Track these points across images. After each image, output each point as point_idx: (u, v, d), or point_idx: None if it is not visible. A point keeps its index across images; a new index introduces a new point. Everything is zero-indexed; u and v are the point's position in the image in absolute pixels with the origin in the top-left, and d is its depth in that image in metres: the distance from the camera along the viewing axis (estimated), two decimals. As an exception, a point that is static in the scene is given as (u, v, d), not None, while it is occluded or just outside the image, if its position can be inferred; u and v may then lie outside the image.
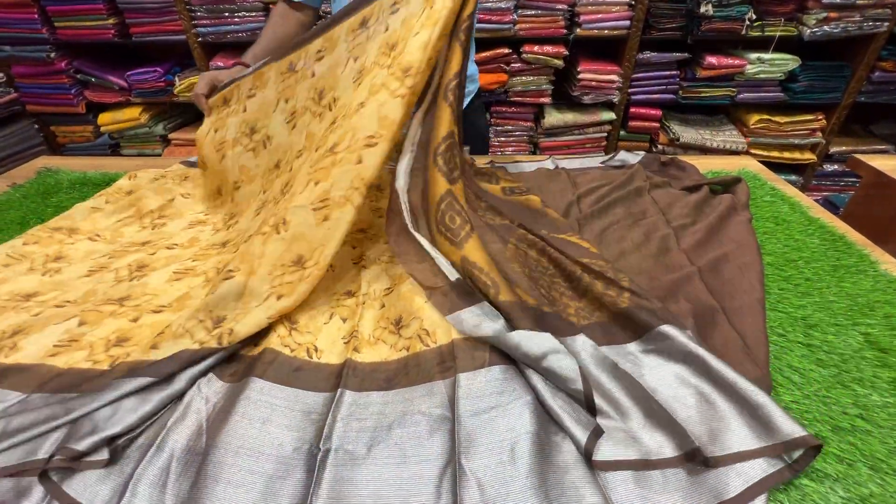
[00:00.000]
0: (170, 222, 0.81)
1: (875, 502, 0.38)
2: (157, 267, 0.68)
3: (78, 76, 1.71)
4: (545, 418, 0.44)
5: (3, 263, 0.69)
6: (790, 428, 0.39)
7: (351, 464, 0.41)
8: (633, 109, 1.73)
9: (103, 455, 0.42)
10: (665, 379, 0.47)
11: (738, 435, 0.40)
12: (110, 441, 0.43)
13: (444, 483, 0.40)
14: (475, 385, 0.47)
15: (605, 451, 0.41)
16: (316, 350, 0.54)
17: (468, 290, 0.56)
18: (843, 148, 1.76)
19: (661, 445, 0.41)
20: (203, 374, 0.50)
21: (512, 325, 0.51)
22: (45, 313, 0.59)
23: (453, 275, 0.58)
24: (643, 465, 0.40)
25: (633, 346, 0.52)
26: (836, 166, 1.80)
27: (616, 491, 0.39)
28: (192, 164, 1.03)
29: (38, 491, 0.40)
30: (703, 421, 0.43)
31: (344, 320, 0.58)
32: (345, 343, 0.55)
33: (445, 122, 0.61)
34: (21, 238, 0.76)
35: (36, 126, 1.82)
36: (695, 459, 0.39)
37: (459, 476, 0.39)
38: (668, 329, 0.50)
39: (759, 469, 0.38)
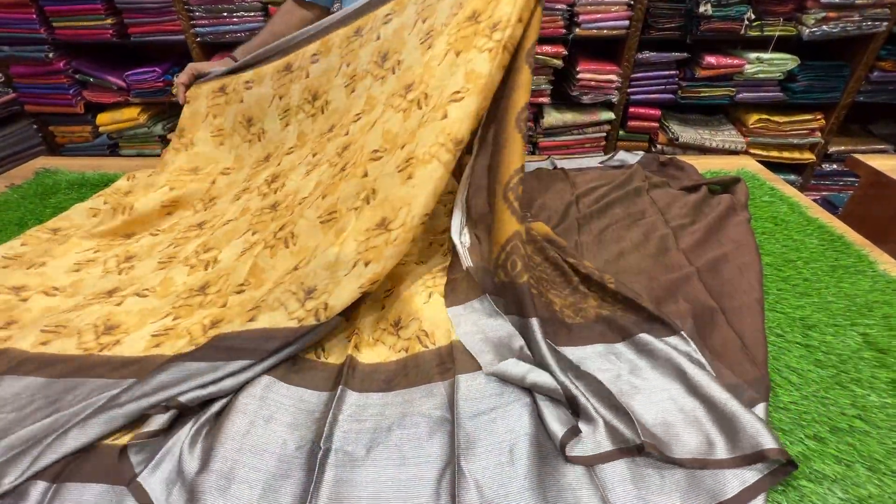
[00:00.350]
0: (218, 200, 0.81)
1: (873, 503, 0.38)
2: (221, 246, 0.69)
3: (76, 76, 1.71)
4: (544, 419, 0.44)
5: (2, 265, 0.68)
6: (761, 439, 0.39)
7: (350, 465, 0.41)
8: (632, 109, 1.73)
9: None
10: (650, 382, 0.48)
11: (705, 441, 0.41)
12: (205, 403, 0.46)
13: (442, 485, 0.40)
14: (474, 386, 0.47)
15: (582, 446, 0.42)
16: (323, 350, 0.54)
17: (472, 284, 0.57)
18: (842, 147, 1.76)
19: (624, 435, 0.42)
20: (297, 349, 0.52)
21: (519, 310, 0.52)
22: (129, 303, 0.60)
23: (467, 261, 0.58)
24: (617, 454, 0.41)
25: (621, 346, 0.53)
26: (834, 166, 1.80)
27: (614, 492, 0.39)
28: None
29: (35, 493, 0.40)
30: (677, 423, 0.43)
31: (347, 319, 0.58)
32: (346, 342, 0.55)
33: (526, 86, 0.58)
34: (19, 239, 0.76)
35: (34, 126, 1.82)
36: (641, 453, 0.41)
37: (458, 478, 0.39)
38: (645, 337, 0.52)
39: (756, 470, 0.38)
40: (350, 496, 0.39)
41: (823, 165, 1.80)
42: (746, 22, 1.52)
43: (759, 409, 0.44)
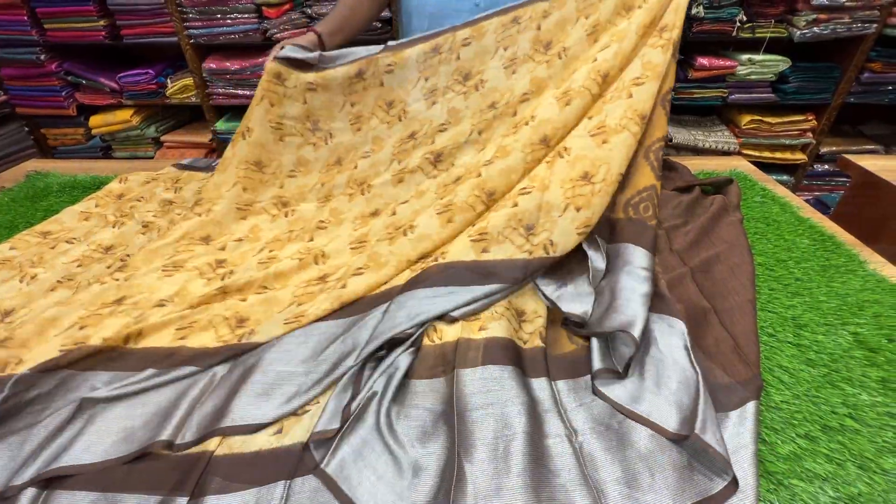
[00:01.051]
0: (372, 183, 0.81)
1: (864, 501, 0.39)
2: (417, 219, 0.71)
3: (68, 78, 1.70)
4: (540, 420, 0.44)
5: None
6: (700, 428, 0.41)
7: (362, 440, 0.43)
8: (626, 110, 1.74)
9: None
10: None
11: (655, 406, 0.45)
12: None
13: (442, 478, 0.40)
14: (473, 383, 0.47)
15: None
16: None
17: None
18: (834, 148, 1.78)
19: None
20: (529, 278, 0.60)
21: (639, 240, 0.62)
22: (352, 283, 0.64)
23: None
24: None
25: None
26: (826, 166, 1.81)
27: (606, 492, 0.39)
28: (184, 167, 1.02)
29: (25, 497, 0.39)
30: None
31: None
32: None
33: (671, 73, 0.72)
34: (8, 243, 0.75)
35: (26, 129, 1.80)
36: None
37: (457, 472, 0.39)
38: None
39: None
40: (357, 475, 0.40)
41: (815, 166, 1.81)
42: (738, 24, 1.54)
43: (750, 407, 0.45)
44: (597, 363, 0.50)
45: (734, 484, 0.38)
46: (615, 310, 0.53)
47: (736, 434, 0.42)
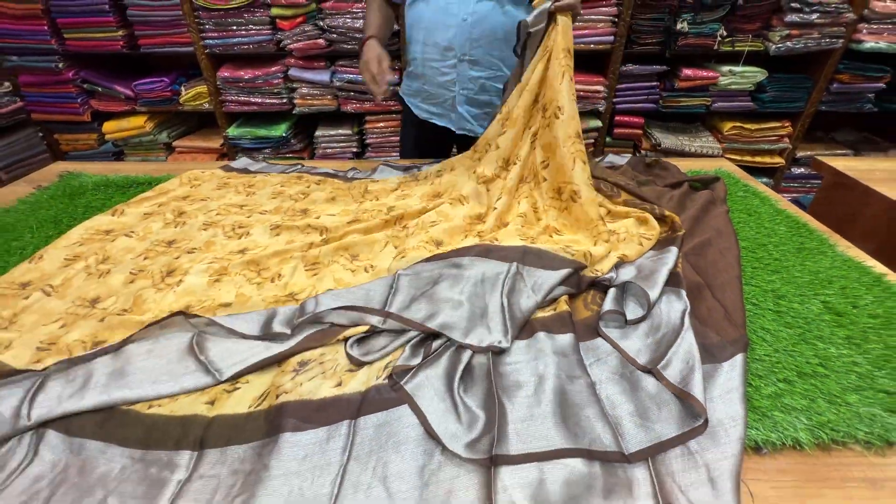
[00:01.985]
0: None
1: (831, 426, 0.47)
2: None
3: (84, 86, 1.75)
4: (567, 368, 0.52)
5: (63, 265, 0.72)
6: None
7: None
8: (617, 118, 1.85)
9: None
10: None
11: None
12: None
13: (487, 407, 0.48)
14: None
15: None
16: None
17: None
18: (809, 153, 1.91)
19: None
20: None
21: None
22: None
23: None
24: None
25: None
26: (802, 170, 1.94)
27: (622, 425, 0.47)
28: (248, 172, 1.08)
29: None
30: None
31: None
32: None
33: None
34: (74, 240, 0.78)
35: (40, 134, 1.85)
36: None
37: (498, 405, 0.47)
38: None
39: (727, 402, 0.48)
40: (428, 395, 0.49)
41: (792, 169, 1.94)
42: (719, 38, 1.67)
43: (739, 359, 0.53)
44: (607, 306, 0.60)
45: (692, 405, 0.47)
46: (644, 278, 0.64)
47: (728, 379, 0.51)
